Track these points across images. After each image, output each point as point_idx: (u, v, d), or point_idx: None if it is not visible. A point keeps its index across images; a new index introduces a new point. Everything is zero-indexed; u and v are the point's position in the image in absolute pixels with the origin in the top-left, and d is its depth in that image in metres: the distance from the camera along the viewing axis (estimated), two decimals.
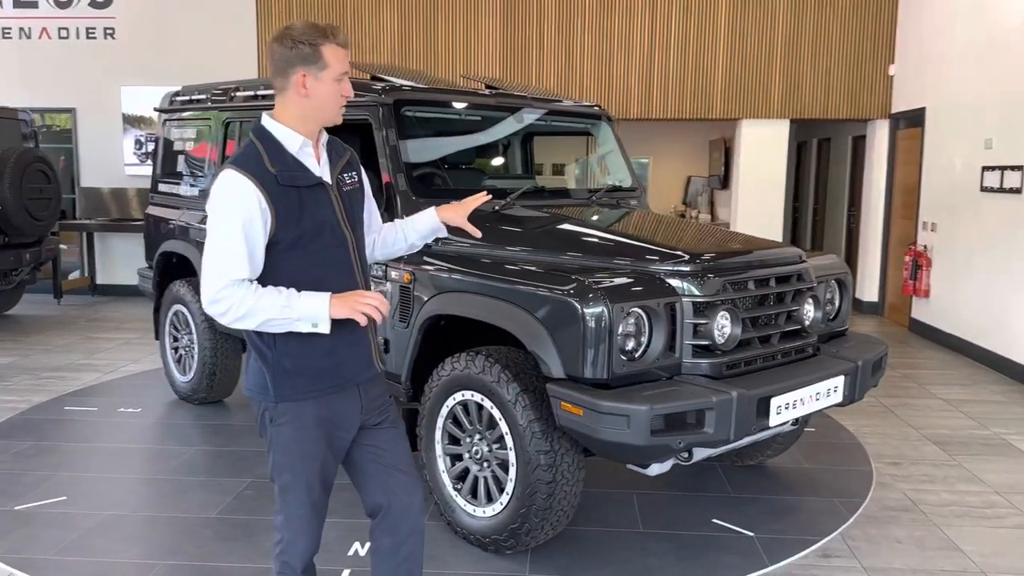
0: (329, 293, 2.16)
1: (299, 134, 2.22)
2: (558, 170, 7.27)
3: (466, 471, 3.58)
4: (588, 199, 4.60)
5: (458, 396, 3.54)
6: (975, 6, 7.49)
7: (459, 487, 3.60)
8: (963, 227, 7.60)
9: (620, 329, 3.07)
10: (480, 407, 3.46)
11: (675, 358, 3.25)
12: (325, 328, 2.15)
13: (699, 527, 3.80)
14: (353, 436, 2.37)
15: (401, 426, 2.50)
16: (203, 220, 5.27)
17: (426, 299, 3.68)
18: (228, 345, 5.42)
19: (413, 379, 3.84)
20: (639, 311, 3.14)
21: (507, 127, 4.66)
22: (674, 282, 3.29)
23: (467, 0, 9.42)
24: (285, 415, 2.25)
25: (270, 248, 2.17)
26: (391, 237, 2.59)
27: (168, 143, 5.90)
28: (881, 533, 3.79)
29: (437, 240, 3.73)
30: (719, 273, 3.37)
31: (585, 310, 3.04)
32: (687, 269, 3.33)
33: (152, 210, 5.98)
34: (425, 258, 3.72)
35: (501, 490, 3.42)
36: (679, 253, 3.39)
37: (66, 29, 9.86)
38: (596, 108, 4.98)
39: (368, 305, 2.16)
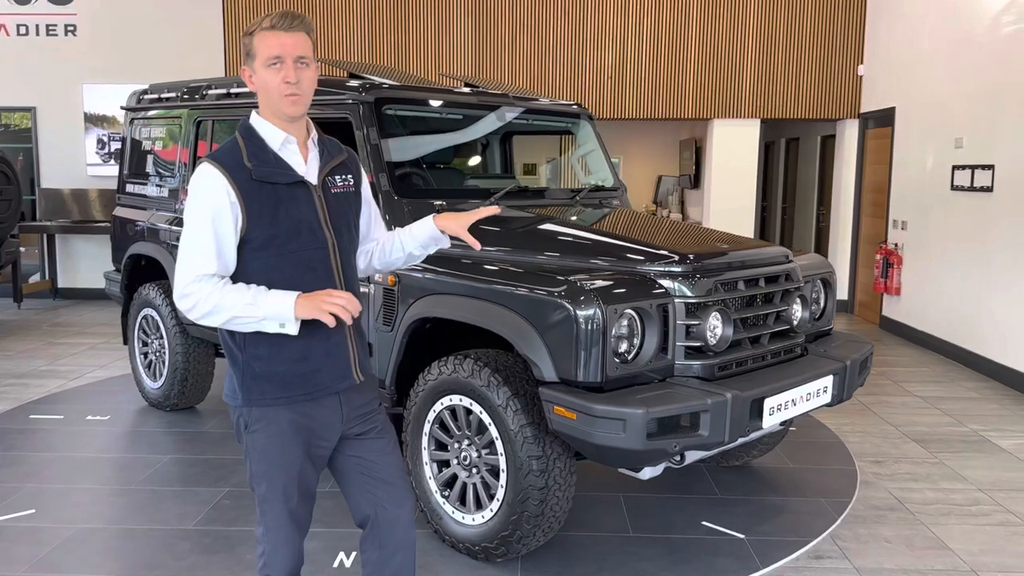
0: (297, 292, 2.07)
1: (280, 130, 2.15)
2: (529, 169, 7.22)
3: (454, 477, 3.51)
4: (571, 199, 4.54)
5: (445, 401, 3.46)
6: (944, 8, 7.57)
7: (447, 494, 3.52)
8: (934, 225, 7.67)
9: (613, 331, 3.02)
10: (469, 412, 3.39)
11: (667, 360, 3.21)
12: (292, 329, 2.06)
13: (689, 530, 3.76)
14: (333, 445, 2.27)
15: (390, 436, 2.38)
16: (172, 221, 5.14)
17: (411, 302, 3.60)
18: (200, 350, 5.28)
19: (397, 384, 3.75)
20: (632, 312, 3.08)
21: (489, 126, 4.58)
22: (665, 283, 3.24)
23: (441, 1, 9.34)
24: (260, 421, 2.17)
25: (243, 246, 2.10)
26: (389, 247, 2.43)
27: (136, 143, 5.74)
28: (870, 533, 3.78)
29: None
30: (710, 273, 3.33)
31: (578, 312, 2.98)
32: (678, 269, 3.28)
33: (119, 211, 5.81)
34: None
35: (491, 496, 3.35)
36: (670, 253, 3.34)
37: (25, 26, 9.58)
38: (577, 107, 4.93)
39: (334, 304, 2.04)
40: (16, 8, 9.56)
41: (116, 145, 9.75)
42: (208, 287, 2.04)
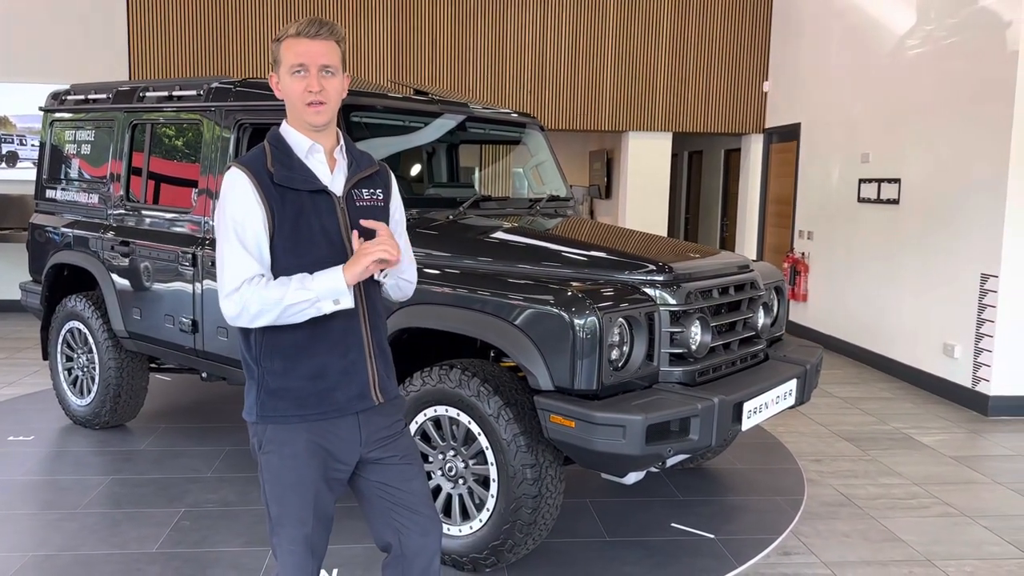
0: (340, 265, 2.01)
1: (307, 138, 2.10)
2: (467, 176, 7.23)
3: (437, 489, 3.47)
4: (529, 208, 4.58)
5: (430, 412, 3.43)
6: (848, 30, 8.04)
7: None
8: (841, 236, 8.12)
9: (607, 339, 3.07)
10: (454, 422, 3.37)
11: (653, 367, 3.29)
12: (348, 301, 2.00)
13: (661, 532, 3.85)
14: (351, 469, 2.18)
15: (416, 461, 2.27)
16: (105, 229, 4.88)
17: (391, 312, 3.54)
18: (135, 364, 5.02)
19: None
20: (623, 320, 3.15)
21: (450, 135, 4.58)
22: (650, 291, 3.32)
23: (352, 1, 9.21)
24: (273, 442, 2.10)
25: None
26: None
27: (57, 146, 5.42)
28: (828, 528, 3.97)
29: None
30: (689, 282, 3.43)
31: (576, 321, 3.02)
32: (660, 278, 3.37)
33: (38, 219, 5.47)
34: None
35: (478, 507, 3.34)
36: (652, 263, 3.43)
37: None
38: (532, 118, 4.98)
39: (375, 255, 1.98)
40: None
41: (7, 147, 9.17)
42: (251, 288, 1.98)
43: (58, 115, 5.42)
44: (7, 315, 8.91)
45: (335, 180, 2.13)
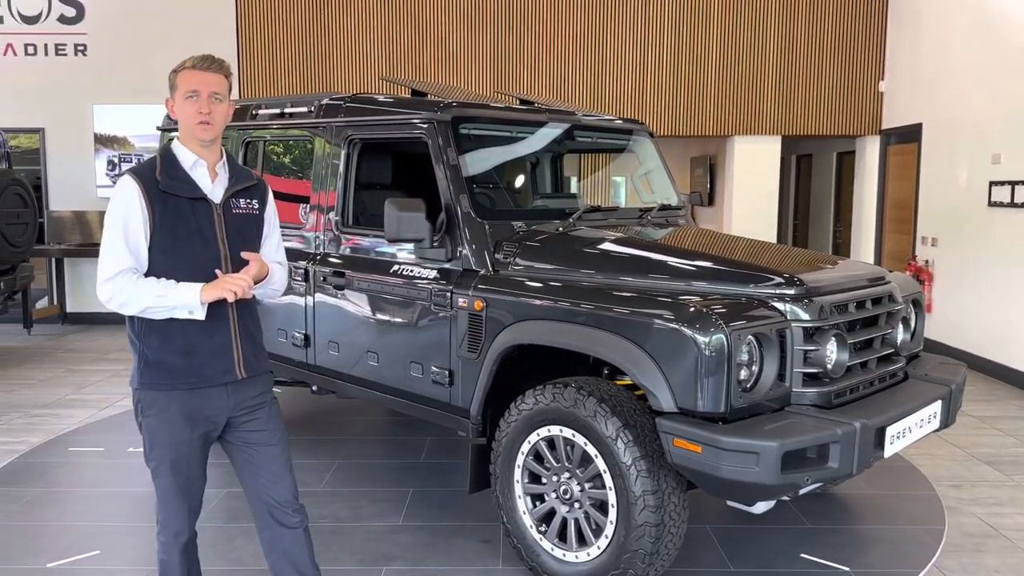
0: (201, 284, 2.39)
1: (193, 154, 2.48)
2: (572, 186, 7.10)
3: (552, 511, 3.33)
4: (639, 218, 4.40)
5: (543, 431, 3.29)
6: (978, 24, 7.54)
7: (543, 529, 3.35)
8: (969, 242, 7.61)
9: (736, 358, 2.87)
10: (569, 443, 3.22)
11: (785, 388, 3.06)
12: (200, 314, 2.40)
13: (790, 563, 3.61)
14: (221, 427, 2.57)
15: (277, 431, 2.65)
16: None
17: (503, 327, 3.43)
18: None
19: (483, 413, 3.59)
20: (753, 338, 2.94)
21: (556, 144, 4.45)
22: (780, 306, 3.10)
23: (450, 12, 9.21)
24: (152, 407, 2.48)
25: (150, 247, 2.40)
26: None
27: None
28: (975, 563, 3.64)
29: (506, 261, 3.54)
30: (823, 296, 3.19)
31: (701, 338, 2.83)
32: (792, 292, 3.14)
33: None
34: (494, 285, 3.49)
35: (596, 532, 3.18)
36: (782, 275, 3.20)
37: (33, 45, 9.37)
38: (640, 124, 4.80)
39: (227, 293, 2.39)
40: (24, 28, 9.36)
41: (127, 166, 9.54)
42: (123, 281, 2.35)
43: (174, 134, 5.55)
44: (96, 328, 9.30)
45: (215, 190, 2.53)
